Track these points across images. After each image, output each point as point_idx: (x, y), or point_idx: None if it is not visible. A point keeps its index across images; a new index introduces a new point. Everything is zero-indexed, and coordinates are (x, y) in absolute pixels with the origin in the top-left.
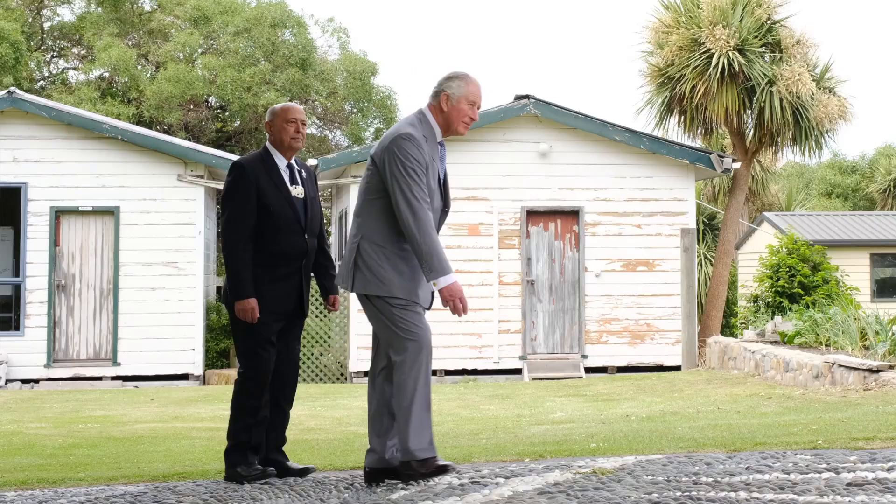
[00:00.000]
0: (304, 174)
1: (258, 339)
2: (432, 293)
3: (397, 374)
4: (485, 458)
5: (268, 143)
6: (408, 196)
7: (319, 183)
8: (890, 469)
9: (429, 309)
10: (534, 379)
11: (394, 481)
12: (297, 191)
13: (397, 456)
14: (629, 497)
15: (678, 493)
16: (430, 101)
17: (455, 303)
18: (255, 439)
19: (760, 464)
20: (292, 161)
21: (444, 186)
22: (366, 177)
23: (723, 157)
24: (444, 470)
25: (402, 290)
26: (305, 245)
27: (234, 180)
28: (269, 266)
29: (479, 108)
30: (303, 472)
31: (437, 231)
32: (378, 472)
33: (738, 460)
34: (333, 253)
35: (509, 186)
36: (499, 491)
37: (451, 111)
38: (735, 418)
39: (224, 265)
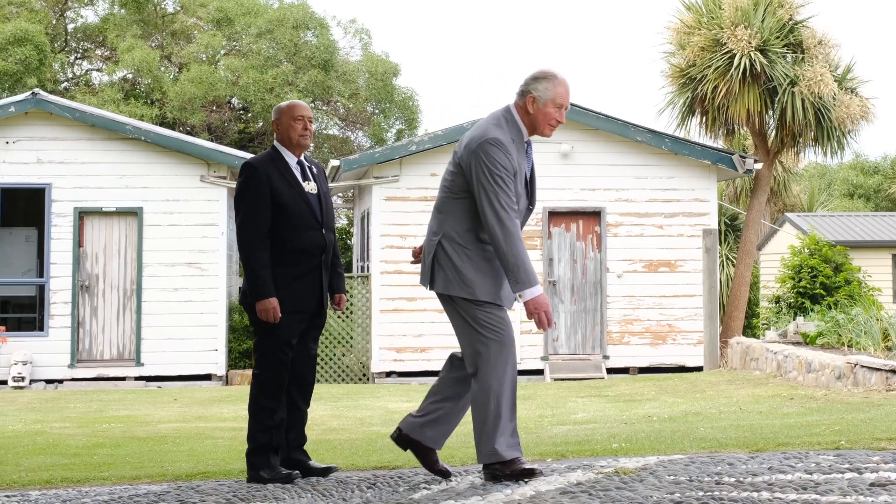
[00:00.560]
0: (314, 170)
1: (277, 341)
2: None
3: (480, 373)
4: None
5: (276, 142)
6: (494, 205)
7: (341, 184)
8: None
9: (510, 309)
10: (555, 380)
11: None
12: (311, 186)
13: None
14: (651, 497)
15: (700, 493)
16: (516, 100)
17: (540, 316)
18: (276, 440)
19: (783, 464)
20: (302, 158)
21: (530, 185)
22: (448, 174)
23: (745, 157)
24: (530, 473)
25: (485, 292)
26: (323, 240)
27: (245, 180)
28: (290, 264)
29: (566, 110)
30: (325, 472)
31: (521, 228)
32: (406, 440)
33: (761, 460)
34: (355, 252)
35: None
36: (521, 490)
37: (538, 114)
38: (757, 419)
39: (243, 265)
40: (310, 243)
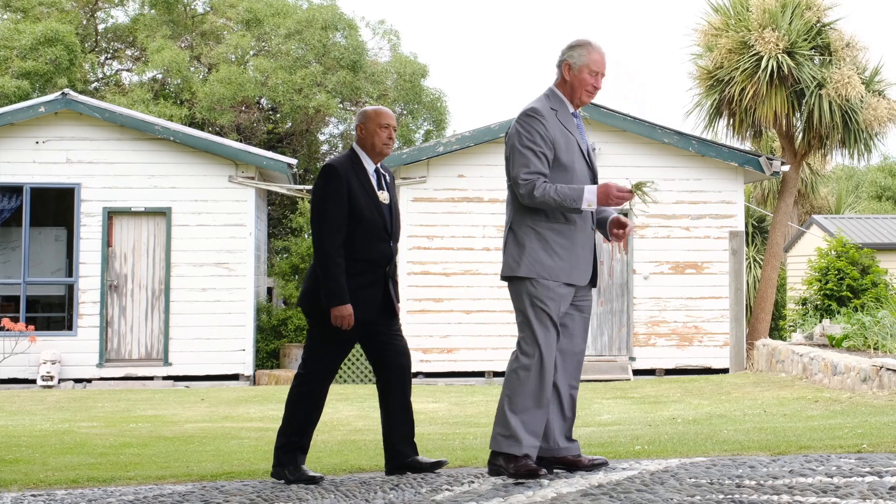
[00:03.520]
0: (387, 178)
1: (331, 347)
2: (593, 272)
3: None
4: None
5: (356, 146)
6: (519, 171)
7: None
8: None
9: (592, 285)
10: (582, 381)
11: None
12: (384, 196)
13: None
14: (672, 499)
15: (721, 496)
16: (556, 76)
17: (613, 196)
18: (306, 441)
19: (804, 467)
20: (378, 165)
21: (589, 156)
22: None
23: (772, 159)
24: (534, 473)
25: (548, 271)
26: (391, 252)
27: (327, 183)
28: (355, 274)
29: (603, 77)
30: (434, 466)
31: None
32: (546, 462)
33: (782, 463)
34: None
35: None
36: (542, 492)
37: (574, 80)
38: (781, 421)
39: (319, 269)
40: (379, 254)
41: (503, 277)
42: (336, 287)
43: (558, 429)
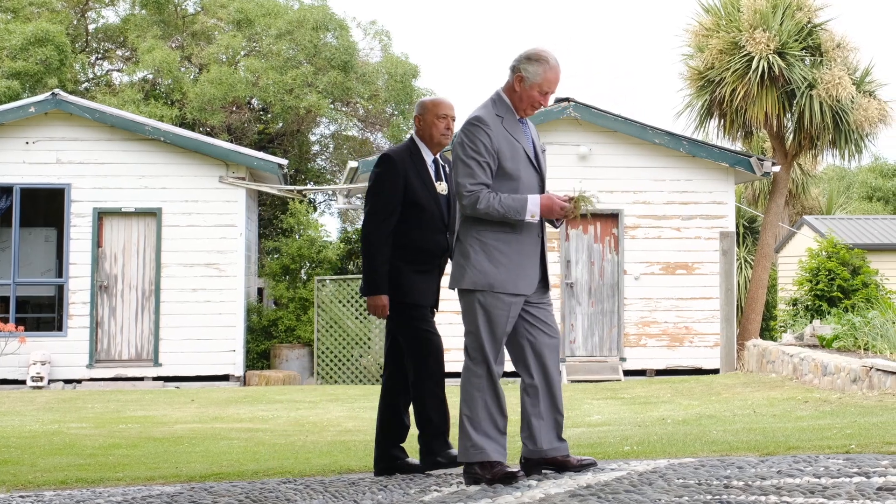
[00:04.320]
0: (447, 169)
1: (424, 325)
2: (542, 278)
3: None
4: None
5: (415, 136)
6: (462, 178)
7: (360, 185)
8: None
9: (544, 289)
10: (572, 381)
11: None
12: (442, 187)
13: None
14: (660, 500)
15: (709, 497)
16: (507, 80)
17: (556, 209)
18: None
19: (792, 468)
20: (437, 156)
21: (536, 161)
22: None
23: (763, 160)
24: (511, 477)
25: (493, 282)
26: (446, 243)
27: (383, 172)
28: (409, 261)
29: (551, 95)
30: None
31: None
32: (534, 463)
33: (770, 464)
34: None
35: (549, 189)
36: (530, 493)
37: (523, 94)
38: (770, 422)
39: (363, 255)
40: (434, 245)
41: (450, 288)
42: (375, 276)
43: (545, 429)
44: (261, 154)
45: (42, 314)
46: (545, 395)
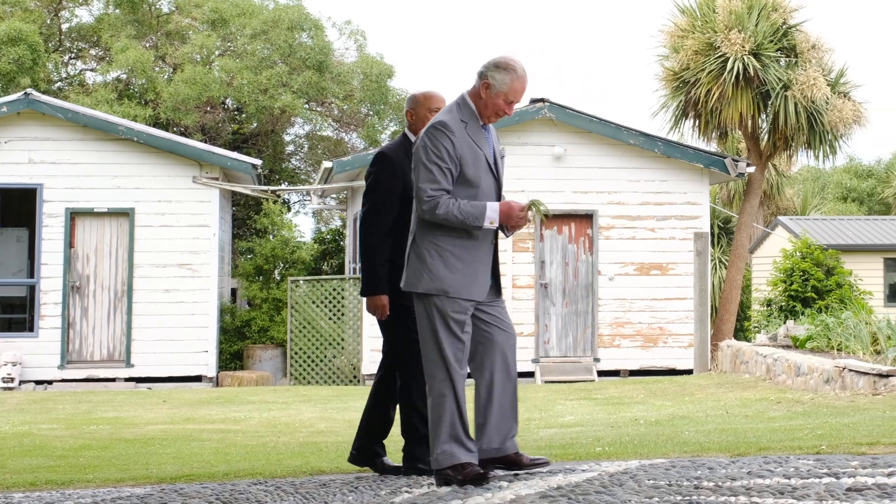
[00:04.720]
0: None
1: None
2: (495, 284)
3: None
4: None
5: (407, 132)
6: (423, 185)
7: (334, 185)
8: (890, 474)
9: (497, 295)
10: (546, 382)
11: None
12: None
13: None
14: (630, 501)
15: (679, 498)
16: (473, 84)
17: (514, 215)
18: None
19: (762, 468)
20: None
21: (496, 168)
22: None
23: (737, 160)
24: (482, 478)
25: (448, 287)
26: None
27: (379, 170)
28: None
29: (516, 104)
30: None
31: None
32: (485, 462)
33: (741, 465)
34: (348, 254)
35: (524, 189)
36: (501, 494)
37: (488, 101)
38: (742, 422)
39: (360, 255)
40: None
41: (403, 288)
42: (374, 276)
43: (496, 427)
44: (234, 154)
45: (13, 315)
46: (500, 393)
